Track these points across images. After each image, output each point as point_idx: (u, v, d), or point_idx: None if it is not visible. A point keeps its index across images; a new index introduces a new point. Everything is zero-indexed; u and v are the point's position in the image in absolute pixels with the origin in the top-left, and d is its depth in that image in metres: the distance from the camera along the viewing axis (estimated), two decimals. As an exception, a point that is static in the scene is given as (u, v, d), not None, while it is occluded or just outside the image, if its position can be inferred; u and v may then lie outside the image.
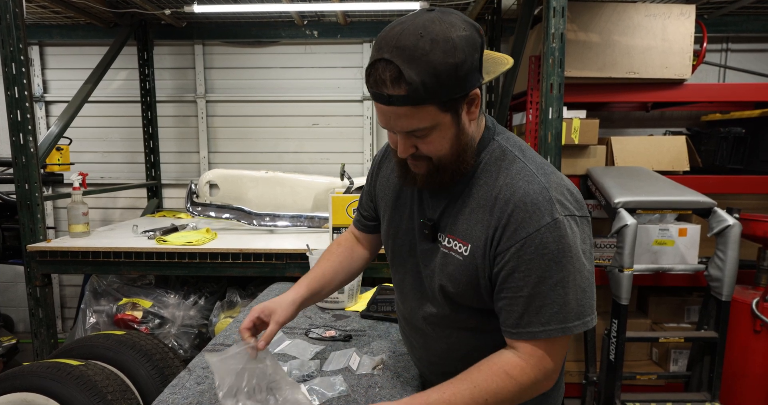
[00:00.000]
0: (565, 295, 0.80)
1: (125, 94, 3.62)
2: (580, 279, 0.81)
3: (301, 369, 1.15)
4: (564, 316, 0.80)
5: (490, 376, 0.82)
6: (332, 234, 2.22)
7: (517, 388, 0.82)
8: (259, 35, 3.50)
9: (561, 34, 2.02)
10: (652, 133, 3.44)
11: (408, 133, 0.81)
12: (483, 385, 0.81)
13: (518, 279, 0.81)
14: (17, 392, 1.75)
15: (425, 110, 0.76)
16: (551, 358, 0.83)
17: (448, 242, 0.90)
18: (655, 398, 2.26)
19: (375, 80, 0.75)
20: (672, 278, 2.58)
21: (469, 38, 0.74)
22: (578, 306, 0.81)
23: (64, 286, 3.81)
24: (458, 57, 0.73)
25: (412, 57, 0.72)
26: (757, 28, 3.30)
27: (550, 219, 0.79)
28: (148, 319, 2.45)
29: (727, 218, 2.12)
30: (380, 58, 0.74)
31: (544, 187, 0.81)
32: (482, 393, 0.81)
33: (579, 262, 0.81)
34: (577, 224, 0.82)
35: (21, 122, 2.29)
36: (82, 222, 2.54)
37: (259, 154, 3.66)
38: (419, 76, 0.72)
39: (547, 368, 0.83)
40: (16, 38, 2.22)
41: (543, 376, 0.83)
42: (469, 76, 0.76)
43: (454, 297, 0.92)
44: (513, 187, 0.82)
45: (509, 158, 0.87)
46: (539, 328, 0.81)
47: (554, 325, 0.81)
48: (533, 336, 0.82)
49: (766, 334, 2.27)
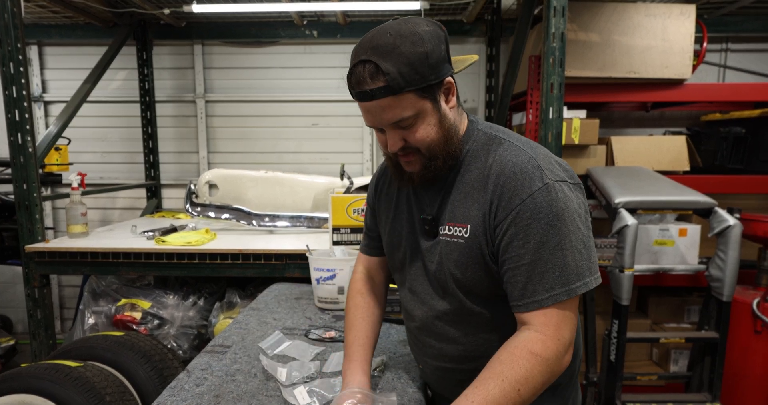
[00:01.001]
0: (563, 257, 0.82)
1: (124, 94, 3.61)
2: (575, 240, 0.83)
3: (301, 370, 1.14)
4: (566, 279, 0.82)
5: (515, 361, 0.80)
6: (332, 234, 2.22)
7: (545, 365, 0.81)
8: (259, 35, 3.50)
9: (561, 34, 2.01)
10: (652, 133, 3.44)
11: (394, 125, 0.87)
12: (510, 375, 0.79)
13: (518, 247, 0.84)
14: (15, 394, 1.74)
15: (405, 99, 0.84)
16: (566, 325, 0.84)
17: (449, 230, 0.93)
18: (656, 399, 2.26)
19: (356, 81, 0.84)
20: (672, 278, 2.57)
21: (432, 32, 0.84)
22: (577, 267, 0.83)
23: (63, 286, 3.80)
24: (426, 46, 0.82)
25: (385, 52, 0.81)
26: (757, 28, 3.30)
27: (541, 184, 0.83)
28: (147, 319, 2.44)
29: (727, 218, 2.12)
30: (358, 61, 0.83)
31: (531, 157, 0.86)
32: (512, 384, 0.79)
33: (573, 224, 0.84)
34: (570, 189, 0.86)
35: (19, 122, 2.28)
36: (80, 222, 2.53)
37: (259, 154, 3.66)
38: (395, 66, 0.81)
39: (565, 337, 0.83)
40: (14, 38, 2.21)
41: (563, 348, 0.83)
42: (440, 64, 0.85)
43: (466, 285, 0.92)
44: (502, 162, 0.87)
45: (496, 141, 0.92)
46: (545, 295, 0.83)
47: (558, 288, 0.82)
48: (540, 304, 0.83)
49: (766, 334, 2.26)
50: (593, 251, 0.87)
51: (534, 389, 0.80)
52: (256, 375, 1.16)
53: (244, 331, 1.43)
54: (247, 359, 1.24)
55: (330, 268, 1.60)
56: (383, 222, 1.10)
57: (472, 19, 3.29)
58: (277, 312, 1.61)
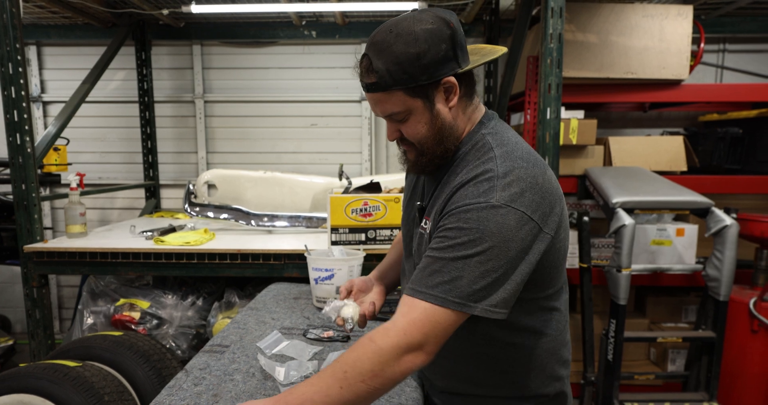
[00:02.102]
0: (461, 271, 0.79)
1: (123, 94, 3.61)
2: (484, 267, 0.79)
3: (299, 370, 1.15)
4: (449, 289, 0.79)
5: (356, 346, 0.81)
6: (330, 234, 2.22)
7: (376, 354, 0.78)
8: (258, 35, 3.50)
9: (559, 35, 2.02)
10: (649, 133, 3.45)
11: (387, 117, 0.92)
12: (345, 357, 0.81)
13: (435, 241, 0.85)
14: (14, 393, 1.75)
15: (395, 95, 0.87)
16: (422, 328, 0.79)
17: (425, 223, 0.97)
18: (653, 398, 2.27)
19: (360, 72, 0.90)
20: (670, 278, 2.58)
21: (434, 30, 0.83)
22: (469, 288, 0.79)
23: (62, 286, 3.80)
24: (420, 47, 0.83)
25: (380, 49, 0.85)
26: (754, 29, 3.31)
27: (483, 200, 0.81)
28: (146, 319, 2.44)
29: (724, 218, 2.13)
30: (363, 54, 0.89)
31: (495, 176, 0.83)
32: (342, 365, 0.79)
33: (493, 253, 0.79)
34: (522, 222, 0.80)
35: (18, 122, 2.28)
36: (79, 222, 2.53)
37: (258, 154, 3.66)
38: (385, 64, 0.84)
39: (413, 337, 0.79)
40: (12, 38, 2.22)
41: (406, 345, 0.78)
42: (436, 64, 0.84)
43: None
44: (470, 172, 0.87)
45: (485, 150, 0.90)
46: (423, 289, 0.81)
47: (437, 292, 0.80)
48: (414, 293, 0.82)
49: (763, 333, 2.27)
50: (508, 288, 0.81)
51: (360, 375, 0.77)
52: (255, 374, 1.16)
53: (243, 331, 1.44)
54: (245, 359, 1.25)
55: (328, 268, 1.60)
56: (403, 201, 1.17)
57: (471, 19, 3.30)
58: (276, 312, 1.62)
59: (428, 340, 0.80)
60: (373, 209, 2.20)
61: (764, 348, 2.28)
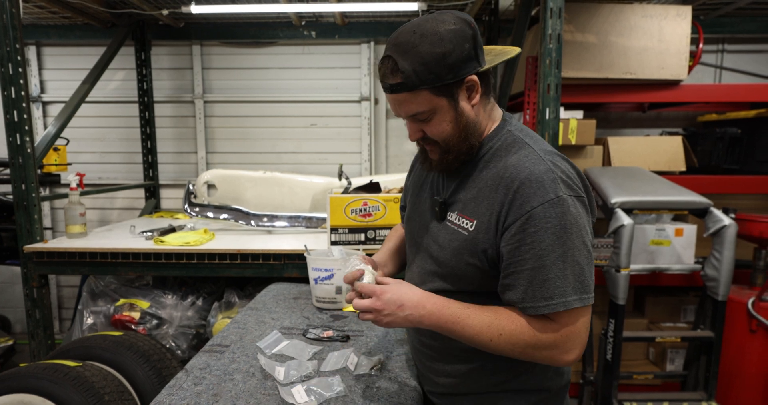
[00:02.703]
0: (564, 269, 0.84)
1: (123, 94, 3.62)
2: (578, 256, 0.85)
3: (298, 369, 1.15)
4: (564, 291, 0.85)
5: (514, 320, 0.88)
6: (330, 234, 2.22)
7: (533, 339, 0.86)
8: (257, 36, 3.50)
9: (558, 35, 2.02)
10: (648, 133, 3.45)
11: (412, 117, 0.93)
12: (504, 322, 0.88)
13: (524, 252, 0.86)
14: (14, 393, 1.75)
15: (420, 95, 0.88)
16: (569, 329, 0.86)
17: (457, 220, 0.97)
18: (652, 398, 2.27)
19: (382, 74, 0.90)
20: (668, 278, 2.59)
21: (457, 31, 0.86)
22: (575, 281, 0.85)
23: (62, 286, 3.80)
24: (445, 47, 0.85)
25: (405, 50, 0.86)
26: (753, 29, 3.32)
27: (554, 196, 0.85)
28: (146, 319, 2.44)
29: (723, 218, 2.13)
30: (384, 56, 0.90)
31: (549, 169, 0.88)
32: (500, 327, 0.88)
33: (579, 240, 0.85)
34: (582, 206, 0.88)
35: (18, 123, 2.28)
36: (79, 222, 2.54)
37: (257, 154, 3.66)
38: (411, 65, 0.85)
39: (567, 340, 0.86)
40: (12, 38, 2.22)
41: (562, 345, 0.86)
42: (460, 63, 0.86)
43: (457, 273, 0.97)
44: (519, 168, 0.89)
45: (519, 144, 0.94)
46: (542, 303, 0.85)
47: (557, 299, 0.85)
48: (537, 311, 0.86)
49: (761, 333, 2.28)
50: (592, 270, 0.88)
51: (510, 344, 0.87)
52: (254, 374, 1.16)
53: (243, 331, 1.44)
54: (245, 359, 1.25)
55: (328, 268, 1.60)
56: (409, 196, 1.17)
57: (470, 19, 3.30)
58: (276, 312, 1.62)
59: (574, 341, 0.87)
60: (373, 209, 2.20)
61: (762, 347, 2.29)
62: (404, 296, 0.89)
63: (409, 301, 0.89)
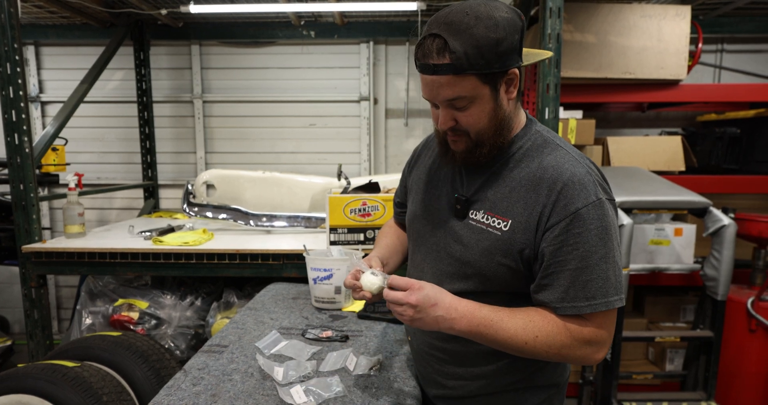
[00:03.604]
0: (606, 270, 0.86)
1: (122, 94, 3.61)
2: (617, 257, 0.88)
3: (297, 370, 1.15)
4: (606, 291, 0.86)
5: (549, 321, 0.88)
6: (329, 234, 2.22)
7: (570, 339, 0.87)
8: (256, 35, 3.50)
9: (557, 35, 2.02)
10: (647, 133, 3.46)
11: (449, 102, 0.88)
12: (539, 323, 0.87)
13: (566, 252, 0.86)
14: (12, 394, 1.74)
15: (466, 80, 0.84)
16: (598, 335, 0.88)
17: (486, 219, 0.94)
18: (652, 397, 2.27)
19: (423, 53, 0.84)
20: (668, 278, 2.59)
21: (510, 20, 0.83)
22: (616, 281, 0.87)
23: (60, 287, 3.79)
24: (499, 33, 0.82)
25: (457, 30, 0.81)
26: (752, 29, 3.32)
27: (596, 198, 0.86)
28: (145, 320, 2.44)
29: (722, 218, 2.13)
30: (429, 34, 0.84)
31: (588, 171, 0.89)
32: (536, 329, 0.87)
33: (616, 242, 0.88)
34: (614, 208, 0.91)
35: (16, 122, 2.28)
36: (77, 222, 2.53)
37: (256, 154, 3.66)
38: (463, 46, 0.81)
39: (602, 339, 0.88)
40: (10, 38, 2.21)
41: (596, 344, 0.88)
42: (508, 54, 0.84)
43: (486, 274, 0.94)
44: (560, 169, 0.89)
45: (551, 146, 0.94)
46: (584, 303, 0.86)
47: (599, 299, 0.86)
48: (578, 310, 0.86)
49: (761, 333, 2.28)
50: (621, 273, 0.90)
51: (547, 345, 0.86)
52: (253, 374, 1.16)
53: (241, 331, 1.44)
54: (244, 359, 1.25)
55: (327, 268, 1.60)
56: (413, 191, 1.12)
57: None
58: (274, 312, 1.62)
59: (606, 340, 0.89)
60: (372, 209, 2.20)
61: (762, 347, 2.29)
62: (438, 295, 0.87)
63: (442, 301, 0.87)
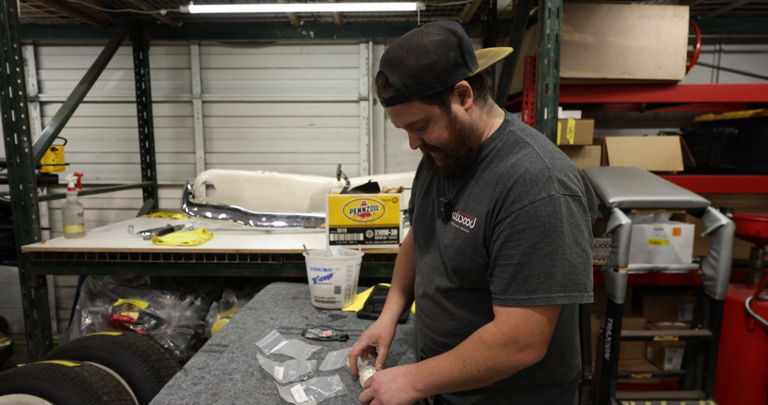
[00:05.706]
0: (552, 266, 0.86)
1: (121, 94, 3.61)
2: (569, 254, 0.86)
3: (297, 369, 1.15)
4: (549, 287, 0.86)
5: (469, 341, 0.95)
6: (329, 234, 2.22)
7: (487, 350, 0.90)
8: (256, 35, 3.50)
9: (556, 35, 2.03)
10: (646, 133, 3.46)
11: (408, 126, 0.97)
12: (462, 348, 0.94)
13: (510, 247, 0.88)
14: (12, 394, 1.74)
15: (413, 105, 0.93)
16: (524, 328, 0.88)
17: (460, 219, 1.00)
18: (650, 397, 2.28)
19: (377, 89, 0.96)
20: (666, 277, 2.60)
21: (441, 41, 0.89)
22: (564, 279, 0.86)
23: (59, 287, 3.79)
24: (431, 58, 0.89)
25: (394, 65, 0.91)
26: (750, 30, 3.33)
27: (546, 194, 0.86)
28: (144, 319, 2.44)
29: (720, 218, 2.14)
30: (377, 73, 0.95)
31: (546, 167, 0.89)
32: (461, 355, 0.93)
33: (570, 239, 0.87)
34: (579, 204, 0.89)
35: (15, 122, 2.28)
36: (77, 222, 2.53)
37: (256, 154, 3.66)
38: (400, 78, 0.90)
39: (518, 338, 0.88)
40: (9, 38, 2.21)
41: (513, 345, 0.88)
42: (447, 71, 0.90)
43: (462, 270, 0.99)
44: (517, 166, 0.91)
45: (520, 145, 0.96)
46: (524, 296, 0.87)
47: (539, 294, 0.86)
48: (518, 303, 0.88)
49: (759, 332, 2.29)
50: (589, 269, 0.89)
51: (476, 365, 0.90)
52: (253, 374, 1.16)
53: (241, 331, 1.44)
54: (244, 358, 1.25)
55: (327, 267, 1.61)
56: (416, 199, 1.21)
57: (468, 20, 3.31)
58: (274, 311, 1.62)
59: (533, 338, 0.89)
60: (372, 209, 2.21)
61: (760, 346, 2.30)
62: (392, 371, 1.00)
63: (397, 372, 0.99)
